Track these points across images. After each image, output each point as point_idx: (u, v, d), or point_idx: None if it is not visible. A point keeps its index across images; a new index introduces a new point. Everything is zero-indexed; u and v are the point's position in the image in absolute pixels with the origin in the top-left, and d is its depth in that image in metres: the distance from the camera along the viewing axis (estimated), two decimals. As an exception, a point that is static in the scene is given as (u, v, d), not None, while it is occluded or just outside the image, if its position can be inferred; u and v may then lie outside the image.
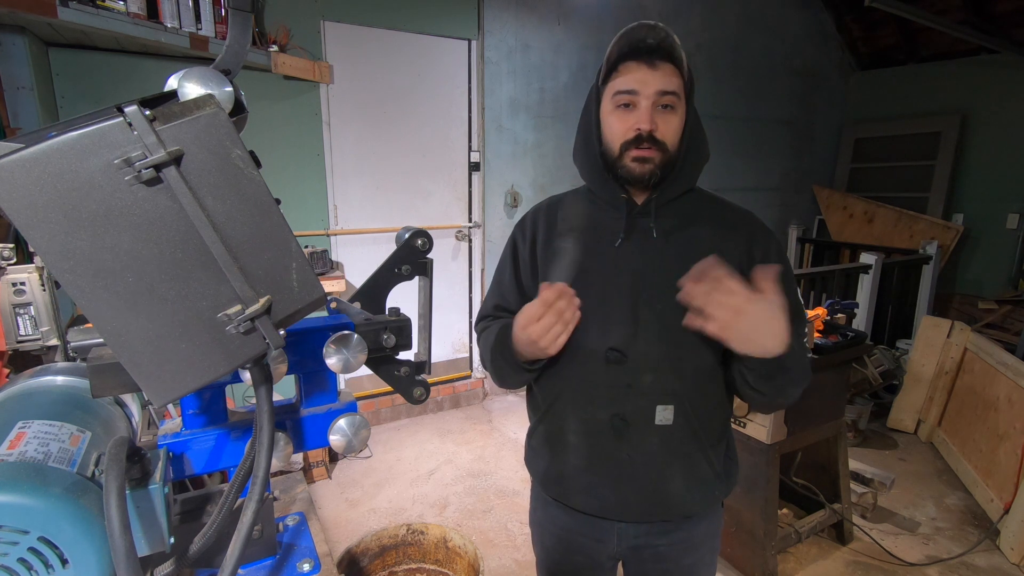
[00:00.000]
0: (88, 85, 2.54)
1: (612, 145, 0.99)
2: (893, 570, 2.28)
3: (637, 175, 0.97)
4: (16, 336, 1.27)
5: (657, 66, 0.94)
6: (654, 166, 0.97)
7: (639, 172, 0.97)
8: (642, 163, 0.97)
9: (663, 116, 0.96)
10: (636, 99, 0.95)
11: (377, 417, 3.56)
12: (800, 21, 5.17)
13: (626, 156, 0.97)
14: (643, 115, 0.95)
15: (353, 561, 1.45)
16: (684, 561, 1.10)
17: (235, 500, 0.62)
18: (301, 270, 0.58)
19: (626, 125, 0.97)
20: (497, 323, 1.11)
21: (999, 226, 4.81)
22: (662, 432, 1.00)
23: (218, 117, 0.52)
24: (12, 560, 0.52)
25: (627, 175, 0.98)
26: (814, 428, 2.23)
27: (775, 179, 5.40)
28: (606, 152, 1.01)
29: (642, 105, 0.95)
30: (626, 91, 0.95)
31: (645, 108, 0.94)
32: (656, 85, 0.94)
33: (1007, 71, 4.67)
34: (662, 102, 0.95)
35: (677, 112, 0.97)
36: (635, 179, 0.98)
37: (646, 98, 0.94)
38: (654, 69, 0.94)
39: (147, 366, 0.52)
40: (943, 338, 3.31)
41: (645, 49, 0.95)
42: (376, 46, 3.27)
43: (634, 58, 0.95)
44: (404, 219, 3.53)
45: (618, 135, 0.98)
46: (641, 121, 0.95)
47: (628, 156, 0.97)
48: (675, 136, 0.97)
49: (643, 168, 0.97)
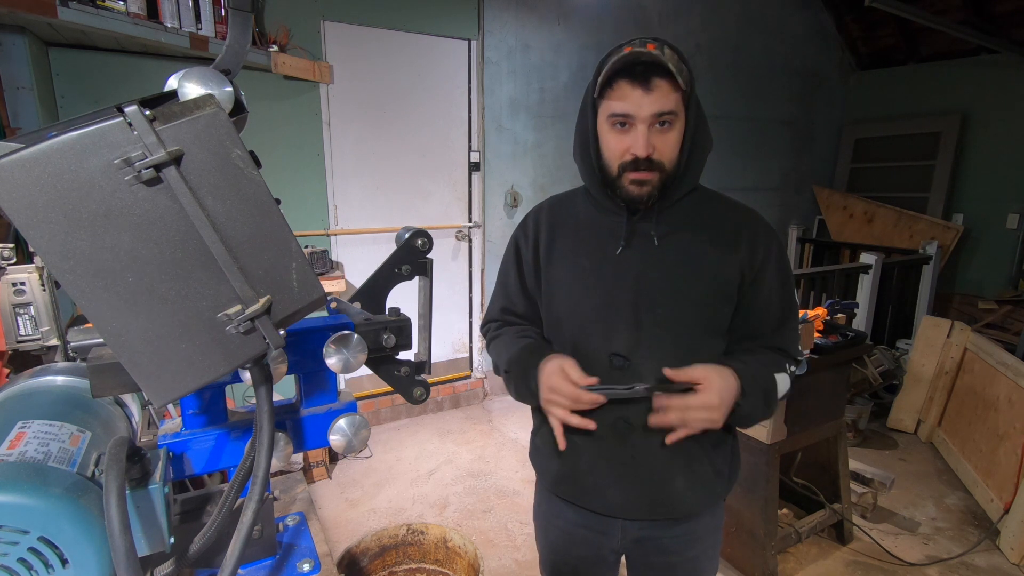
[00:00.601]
0: (88, 85, 2.54)
1: (610, 164, 0.98)
2: (893, 570, 2.28)
3: (635, 197, 0.97)
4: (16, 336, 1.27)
5: (652, 86, 0.90)
6: (652, 188, 0.96)
7: (637, 194, 0.97)
8: (640, 186, 0.96)
9: (660, 135, 0.94)
10: (632, 121, 0.93)
11: (377, 417, 3.56)
12: (800, 21, 5.17)
13: (624, 177, 0.96)
14: (639, 140, 0.92)
15: (353, 561, 1.45)
16: (688, 553, 1.11)
17: (235, 500, 0.62)
18: (301, 270, 0.58)
19: (622, 146, 0.95)
20: (513, 332, 1.13)
21: (999, 226, 4.81)
22: (664, 433, 1.00)
23: (218, 117, 0.52)
24: (12, 560, 0.52)
25: (625, 196, 0.98)
26: (814, 428, 2.23)
27: (775, 179, 5.40)
28: (604, 168, 1.00)
29: (638, 129, 0.93)
30: (621, 114, 0.93)
31: (641, 132, 0.92)
32: (651, 108, 0.91)
33: (1007, 71, 4.67)
34: (659, 121, 0.93)
35: (675, 127, 0.94)
36: (633, 200, 0.98)
37: (642, 121, 0.92)
38: (649, 91, 0.90)
39: (147, 366, 0.52)
40: (943, 338, 3.31)
41: (640, 68, 0.91)
42: (376, 46, 3.27)
43: (627, 77, 0.91)
44: (404, 219, 3.53)
45: (615, 156, 0.97)
46: (637, 147, 0.93)
47: (626, 178, 0.96)
48: (673, 151, 0.96)
49: (641, 190, 0.96)
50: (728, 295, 1.01)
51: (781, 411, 2.05)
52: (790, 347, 1.05)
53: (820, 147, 5.68)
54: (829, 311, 2.60)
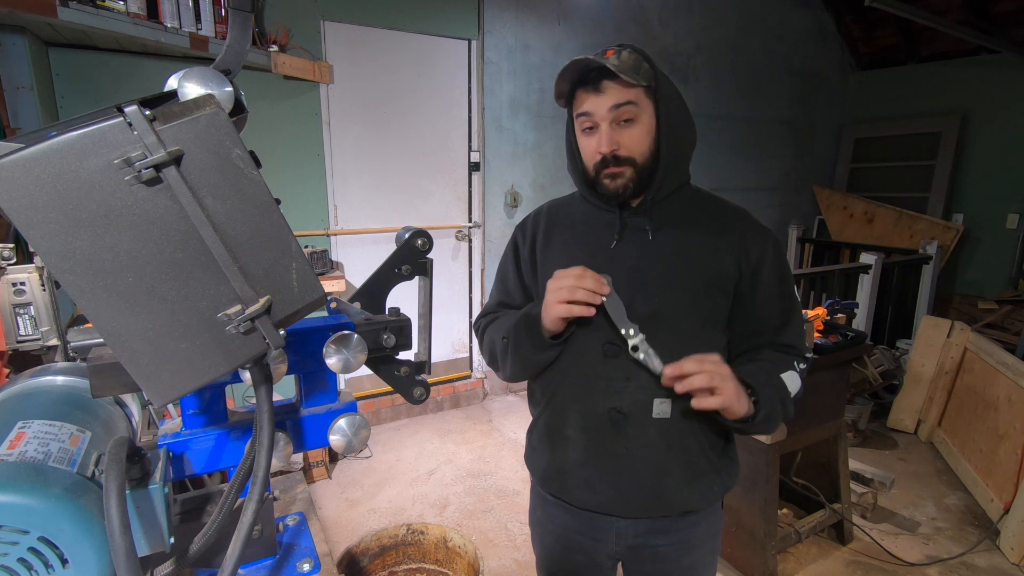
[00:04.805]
0: (88, 85, 2.54)
1: (588, 166, 1.05)
2: (893, 570, 2.28)
3: (612, 191, 1.02)
4: (16, 336, 1.27)
5: (603, 89, 0.97)
6: (626, 180, 1.00)
7: (613, 188, 1.01)
8: (613, 179, 1.01)
9: (624, 131, 0.98)
10: (594, 120, 0.99)
11: (377, 417, 3.56)
12: (800, 21, 5.17)
13: (600, 176, 1.02)
14: (603, 138, 0.98)
15: (353, 561, 1.45)
16: (683, 562, 1.10)
17: (235, 500, 0.62)
18: (301, 270, 0.58)
19: (592, 148, 1.01)
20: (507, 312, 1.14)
21: (999, 226, 4.81)
22: (660, 425, 1.00)
23: (218, 117, 0.52)
24: (12, 560, 0.52)
25: (605, 192, 1.03)
26: (814, 428, 2.23)
27: (775, 179, 5.40)
28: (586, 171, 1.06)
29: (601, 128, 0.99)
30: (583, 113, 1.00)
31: (604, 131, 0.98)
32: (606, 104, 0.97)
33: (1007, 71, 4.67)
34: (620, 116, 0.97)
35: (640, 121, 0.98)
36: (611, 195, 1.02)
37: (602, 119, 0.98)
38: (600, 93, 0.97)
39: (147, 366, 0.52)
40: (943, 338, 3.31)
41: (591, 76, 0.98)
42: (376, 46, 3.27)
43: (582, 86, 1.00)
44: (404, 219, 3.53)
45: (589, 158, 1.03)
46: (601, 145, 0.99)
47: (602, 175, 1.02)
48: (641, 146, 1.00)
49: (615, 184, 1.01)
50: (723, 287, 1.02)
51: (781, 411, 2.05)
52: (797, 343, 1.05)
53: (820, 147, 5.68)
54: (829, 311, 2.60)
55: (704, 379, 0.90)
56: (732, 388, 0.91)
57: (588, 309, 0.95)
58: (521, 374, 1.11)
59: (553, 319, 0.97)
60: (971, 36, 4.20)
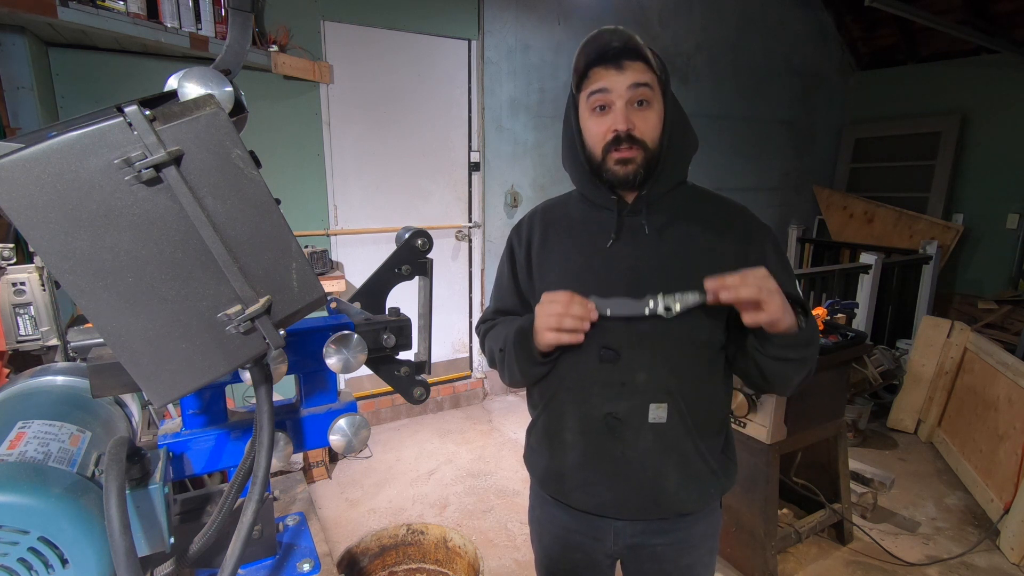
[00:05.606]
0: (88, 85, 2.54)
1: (594, 149, 1.01)
2: (893, 570, 2.28)
3: (621, 177, 0.98)
4: (16, 336, 1.27)
5: (625, 67, 0.95)
6: (636, 166, 0.98)
7: (623, 174, 0.98)
8: (624, 164, 0.98)
9: (639, 113, 0.96)
10: (610, 98, 0.96)
11: (377, 417, 3.56)
12: (800, 21, 5.16)
13: (608, 159, 0.99)
14: (618, 116, 0.96)
15: (353, 561, 1.45)
16: (682, 561, 1.10)
17: (235, 500, 0.62)
18: (301, 270, 0.58)
19: (604, 127, 0.98)
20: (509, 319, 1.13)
21: (999, 226, 4.81)
22: (656, 430, 1.00)
23: (218, 117, 0.52)
24: (12, 560, 0.52)
25: (612, 178, 1.00)
26: (814, 428, 2.23)
27: (775, 179, 5.40)
28: (590, 157, 1.02)
29: (616, 105, 0.96)
30: (599, 90, 0.97)
31: (620, 108, 0.96)
32: (626, 81, 0.95)
33: (1007, 71, 4.67)
34: (636, 97, 0.95)
35: (653, 107, 0.97)
36: (620, 181, 0.99)
37: (619, 96, 0.95)
38: (622, 71, 0.95)
39: (147, 366, 0.52)
40: (943, 338, 3.31)
41: (611, 53, 0.96)
42: (376, 46, 3.27)
43: (601, 63, 0.97)
44: (404, 219, 3.53)
45: (598, 138, 0.99)
46: (617, 122, 0.96)
47: (610, 159, 0.98)
48: (654, 132, 0.98)
49: (626, 169, 0.98)
50: None
51: (781, 410, 2.05)
52: None
53: (820, 147, 5.68)
54: (829, 311, 2.60)
55: (752, 291, 0.86)
56: (779, 301, 0.87)
57: (577, 336, 0.94)
58: (520, 383, 1.11)
59: (542, 343, 0.98)
60: (971, 36, 4.19)
